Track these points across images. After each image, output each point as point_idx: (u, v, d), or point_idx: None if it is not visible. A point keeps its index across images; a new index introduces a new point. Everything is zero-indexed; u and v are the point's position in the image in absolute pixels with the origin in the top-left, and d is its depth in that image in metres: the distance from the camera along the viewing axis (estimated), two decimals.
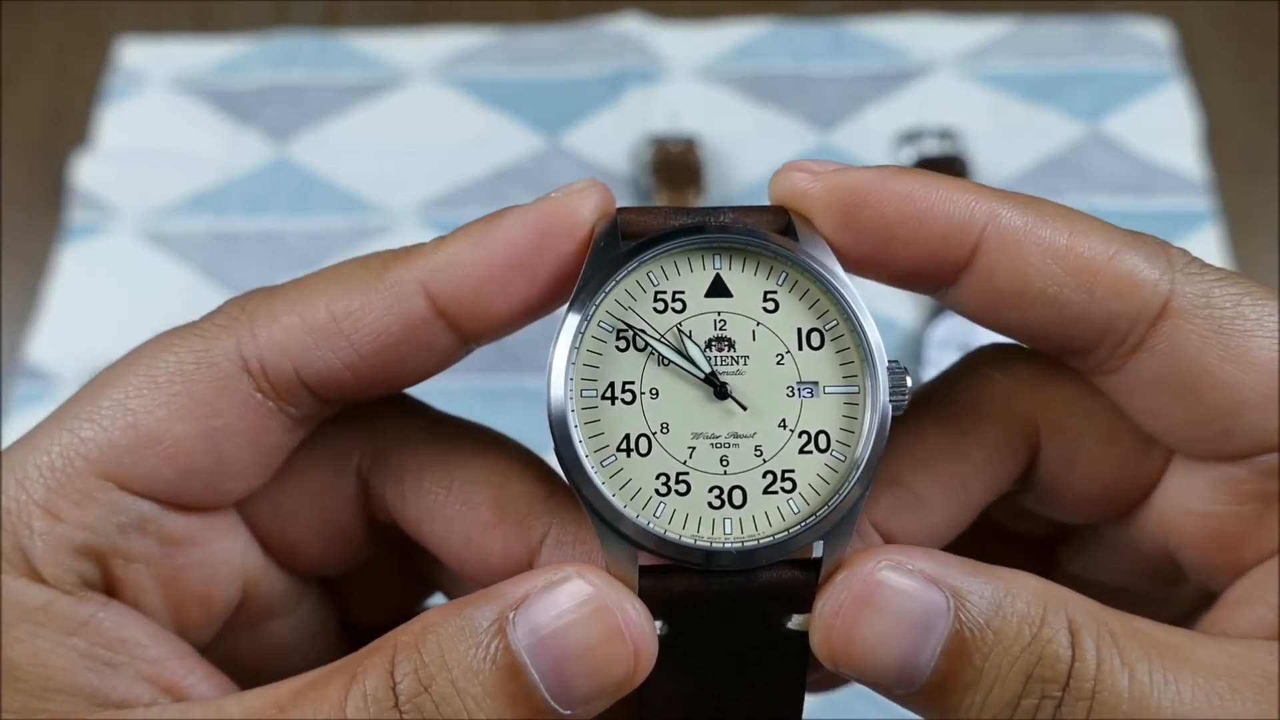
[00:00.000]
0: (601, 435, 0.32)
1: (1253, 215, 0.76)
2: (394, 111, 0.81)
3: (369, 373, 0.34)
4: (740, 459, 0.33)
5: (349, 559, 0.38)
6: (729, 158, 0.78)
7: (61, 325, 0.72)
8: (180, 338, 0.34)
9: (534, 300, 0.33)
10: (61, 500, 0.33)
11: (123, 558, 0.34)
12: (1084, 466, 0.36)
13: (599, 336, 0.33)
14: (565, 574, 0.32)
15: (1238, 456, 0.33)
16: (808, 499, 0.33)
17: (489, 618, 0.31)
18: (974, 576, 0.32)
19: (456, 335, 0.34)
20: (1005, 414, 0.36)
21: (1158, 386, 0.33)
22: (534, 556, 0.35)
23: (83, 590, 0.33)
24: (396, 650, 0.31)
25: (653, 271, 0.33)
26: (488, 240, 0.33)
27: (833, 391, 0.33)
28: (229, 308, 0.35)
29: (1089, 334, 0.33)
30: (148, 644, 0.34)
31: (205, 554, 0.35)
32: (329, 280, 0.34)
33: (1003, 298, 0.33)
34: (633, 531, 0.32)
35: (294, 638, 0.39)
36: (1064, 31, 0.84)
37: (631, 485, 0.32)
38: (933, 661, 0.31)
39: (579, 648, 0.31)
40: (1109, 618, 0.31)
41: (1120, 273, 0.32)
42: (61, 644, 0.33)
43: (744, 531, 0.32)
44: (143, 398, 0.33)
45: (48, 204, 0.78)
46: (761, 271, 0.33)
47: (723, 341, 0.33)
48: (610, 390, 0.33)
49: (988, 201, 0.33)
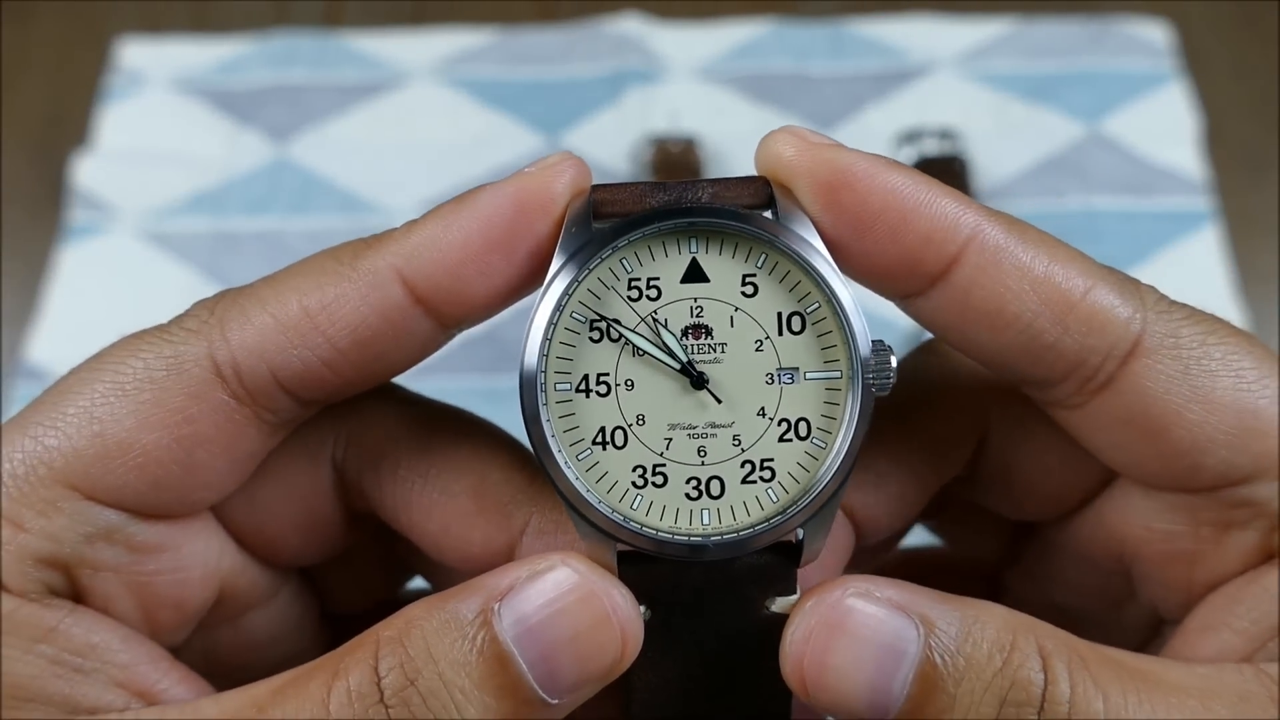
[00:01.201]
0: (576, 429, 0.32)
1: (1253, 215, 0.76)
2: (394, 111, 0.81)
3: (348, 368, 0.33)
4: (718, 449, 0.32)
5: (326, 548, 0.38)
6: (729, 158, 0.78)
7: (61, 325, 0.72)
8: (148, 342, 0.33)
9: (514, 280, 0.33)
10: (25, 510, 0.32)
11: (90, 567, 0.33)
12: (1032, 453, 0.36)
13: (571, 328, 0.32)
14: (550, 563, 0.31)
15: (1199, 490, 0.33)
16: (787, 488, 0.32)
17: (474, 609, 0.31)
18: (942, 605, 0.31)
19: (436, 321, 0.33)
20: (958, 395, 0.36)
21: (1122, 424, 0.33)
22: (515, 546, 0.35)
23: (48, 597, 0.32)
24: (379, 645, 0.31)
25: (626, 258, 0.32)
26: (462, 221, 0.32)
27: (814, 377, 0.32)
28: (197, 310, 0.34)
29: (1057, 366, 0.33)
30: (119, 649, 0.33)
31: (177, 559, 0.34)
32: (300, 275, 0.33)
33: (974, 316, 0.32)
34: (609, 525, 0.32)
35: (273, 629, 0.38)
36: (1064, 31, 0.84)
37: (608, 479, 0.32)
38: (905, 689, 0.31)
39: (567, 635, 0.31)
40: (1079, 645, 0.31)
41: (1095, 308, 0.32)
42: (29, 651, 0.32)
43: (722, 522, 0.32)
44: (110, 405, 0.32)
45: (48, 204, 0.78)
46: (740, 254, 0.32)
47: (700, 329, 0.32)
48: (585, 383, 0.32)
49: (975, 215, 0.32)
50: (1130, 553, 0.35)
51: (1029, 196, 0.76)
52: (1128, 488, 0.35)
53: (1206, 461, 0.33)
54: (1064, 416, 0.34)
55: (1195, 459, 0.33)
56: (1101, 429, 0.33)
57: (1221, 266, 0.73)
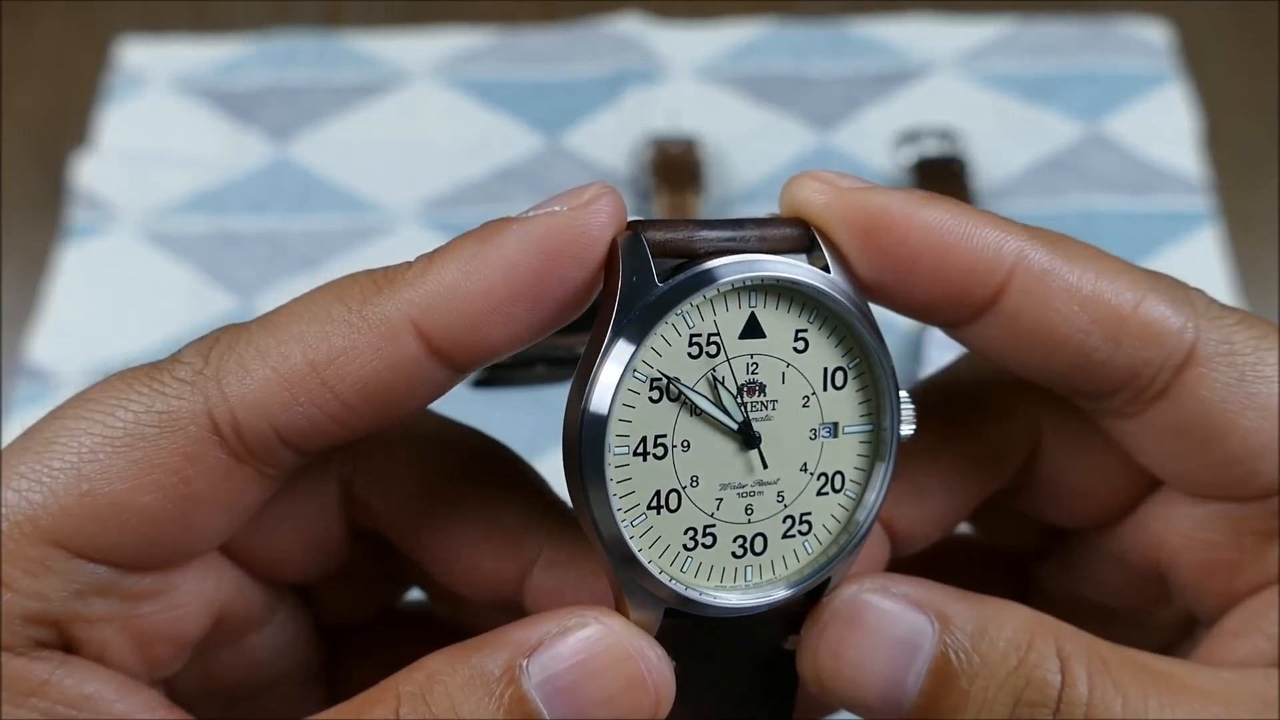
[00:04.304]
0: (633, 494, 0.30)
1: (1253, 215, 0.76)
2: (394, 112, 0.81)
3: (355, 420, 0.31)
4: (764, 506, 0.32)
5: (329, 565, 0.37)
6: (729, 158, 0.78)
7: (61, 325, 0.72)
8: (138, 392, 0.31)
9: (538, 327, 0.31)
10: (11, 569, 0.30)
11: (83, 620, 0.31)
12: (1086, 464, 0.36)
13: (634, 389, 0.30)
14: (581, 619, 0.30)
15: (1249, 499, 0.33)
16: (821, 540, 0.32)
17: (500, 665, 0.30)
18: (959, 602, 0.31)
19: (450, 369, 0.31)
20: (1008, 406, 0.36)
21: (1176, 433, 0.32)
22: (525, 576, 0.34)
23: (36, 650, 0.31)
24: (400, 701, 0.30)
25: (690, 314, 0.30)
26: (485, 268, 0.30)
27: (851, 431, 0.32)
28: (190, 358, 0.31)
29: (1111, 381, 0.32)
30: (114, 699, 0.31)
31: (173, 598, 0.33)
32: (303, 320, 0.31)
33: (1025, 342, 0.32)
34: (659, 590, 0.31)
35: (272, 648, 0.37)
36: (1063, 32, 0.84)
37: (660, 543, 0.31)
38: (919, 684, 0.31)
39: (599, 698, 0.30)
40: (1101, 647, 0.31)
41: (1147, 321, 0.31)
42: (21, 705, 0.30)
43: (762, 577, 0.32)
44: (98, 462, 0.30)
45: (48, 204, 0.78)
46: (795, 308, 0.31)
47: (754, 386, 0.31)
48: (642, 445, 0.30)
49: (1017, 239, 0.31)
50: (1168, 560, 0.35)
51: (1029, 196, 0.76)
52: (1171, 495, 0.35)
53: (1260, 468, 0.32)
54: (1116, 426, 0.34)
55: (1250, 466, 0.32)
56: (1155, 438, 0.33)
57: (1221, 266, 0.73)
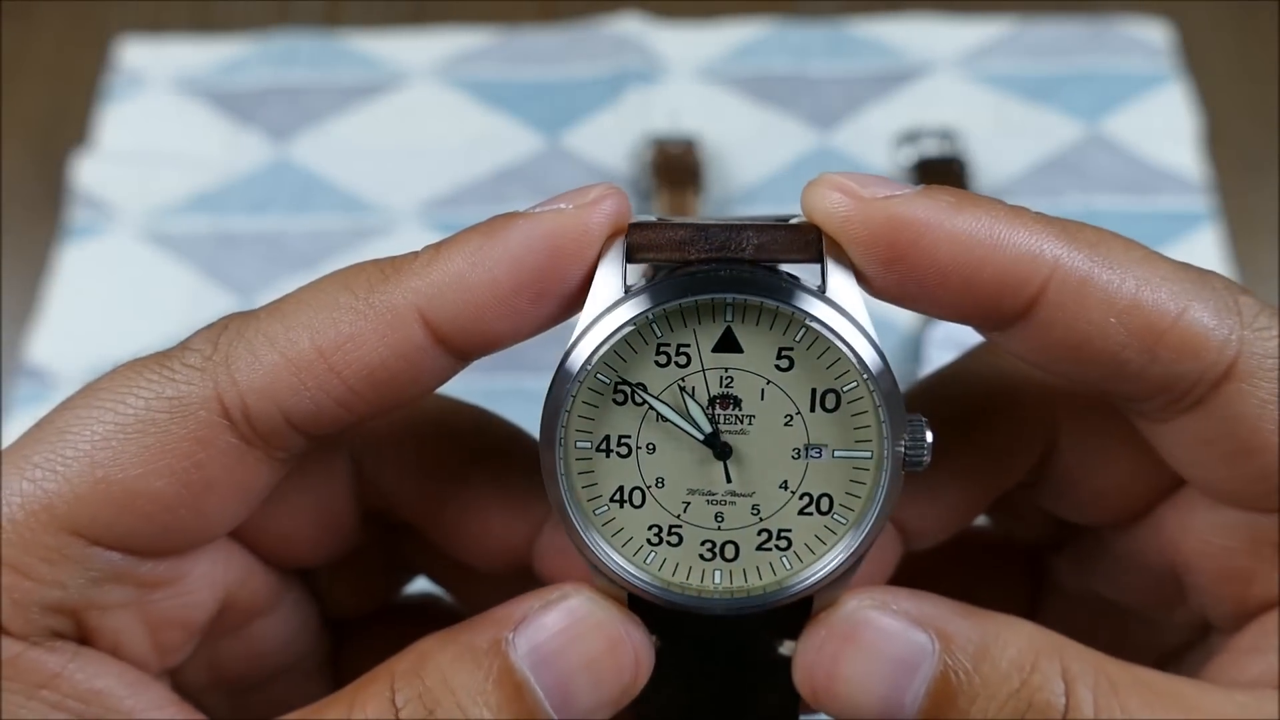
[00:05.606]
0: (595, 485, 0.31)
1: (1253, 215, 0.76)
2: (394, 112, 0.81)
3: (362, 405, 0.32)
4: (736, 516, 0.31)
5: (338, 547, 0.37)
6: (729, 158, 0.78)
7: (61, 325, 0.72)
8: (148, 379, 0.31)
9: (541, 320, 0.31)
10: (28, 558, 0.31)
11: (98, 608, 0.32)
12: (1103, 462, 0.35)
13: (595, 389, 0.31)
14: (562, 592, 0.32)
15: (1272, 511, 0.32)
16: (802, 558, 0.31)
17: (487, 639, 0.31)
18: (962, 619, 0.31)
19: (455, 357, 0.32)
20: (1024, 402, 0.35)
21: (1207, 443, 0.32)
22: (534, 536, 0.35)
23: (52, 640, 0.31)
24: (395, 679, 0.31)
25: (658, 323, 0.30)
26: (491, 260, 0.30)
27: (842, 455, 0.31)
28: (200, 344, 0.32)
29: (1144, 390, 0.31)
30: (124, 694, 0.32)
31: (184, 585, 0.33)
32: (311, 307, 0.31)
33: (1057, 352, 0.31)
34: (622, 577, 0.31)
35: (277, 636, 0.38)
36: (1064, 32, 0.84)
37: (623, 534, 0.31)
38: (918, 703, 0.30)
39: (582, 660, 0.31)
40: (1110, 667, 0.30)
41: (1187, 334, 0.30)
42: (31, 697, 0.31)
43: (733, 583, 0.32)
44: (111, 449, 0.31)
45: (48, 204, 0.78)
46: (778, 327, 0.30)
47: (728, 399, 0.31)
48: (605, 443, 0.31)
49: (1055, 244, 0.30)
50: (1184, 563, 0.34)
51: (1029, 196, 0.76)
52: (1193, 499, 0.34)
53: None
54: (1147, 427, 0.33)
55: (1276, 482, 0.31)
56: (1185, 445, 0.32)
57: (1221, 267, 0.73)
